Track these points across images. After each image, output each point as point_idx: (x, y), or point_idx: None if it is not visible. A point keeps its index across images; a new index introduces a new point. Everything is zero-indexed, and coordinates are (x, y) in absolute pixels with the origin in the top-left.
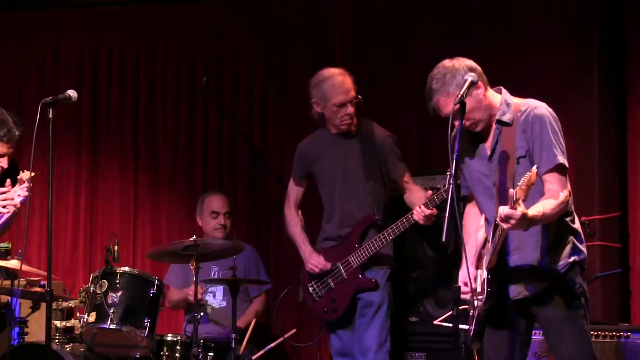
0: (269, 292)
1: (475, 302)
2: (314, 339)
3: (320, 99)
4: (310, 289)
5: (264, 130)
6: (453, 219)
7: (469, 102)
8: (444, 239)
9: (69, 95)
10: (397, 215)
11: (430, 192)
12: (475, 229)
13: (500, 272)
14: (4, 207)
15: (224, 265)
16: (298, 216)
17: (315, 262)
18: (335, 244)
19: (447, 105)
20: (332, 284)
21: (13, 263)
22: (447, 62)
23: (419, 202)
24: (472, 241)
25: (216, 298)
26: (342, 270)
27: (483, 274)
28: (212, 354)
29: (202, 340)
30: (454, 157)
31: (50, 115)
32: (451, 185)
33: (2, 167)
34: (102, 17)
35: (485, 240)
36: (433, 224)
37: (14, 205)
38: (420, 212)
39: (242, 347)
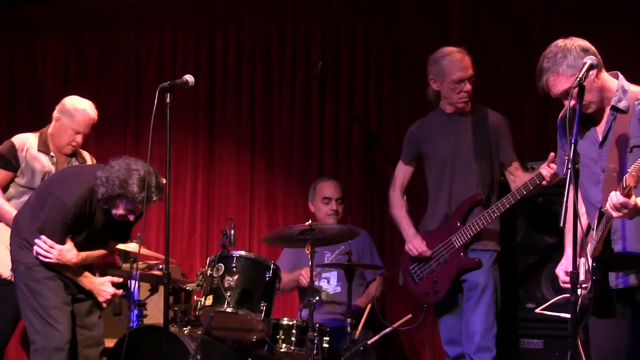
0: (384, 278)
1: (579, 291)
2: (416, 322)
3: (438, 75)
4: (412, 271)
5: (380, 114)
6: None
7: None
8: (561, 224)
9: (186, 80)
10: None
11: (552, 153)
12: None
13: (605, 260)
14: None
15: (337, 251)
16: (403, 199)
17: (416, 244)
18: (438, 225)
19: (556, 85)
20: (433, 265)
21: (132, 246)
22: (560, 42)
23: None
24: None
25: (330, 284)
26: (444, 252)
27: (588, 262)
28: (327, 338)
29: (317, 325)
30: (572, 141)
31: (168, 100)
32: (569, 170)
33: (128, 219)
34: (217, 1)
35: (589, 228)
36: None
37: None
38: (549, 169)
39: (358, 332)
